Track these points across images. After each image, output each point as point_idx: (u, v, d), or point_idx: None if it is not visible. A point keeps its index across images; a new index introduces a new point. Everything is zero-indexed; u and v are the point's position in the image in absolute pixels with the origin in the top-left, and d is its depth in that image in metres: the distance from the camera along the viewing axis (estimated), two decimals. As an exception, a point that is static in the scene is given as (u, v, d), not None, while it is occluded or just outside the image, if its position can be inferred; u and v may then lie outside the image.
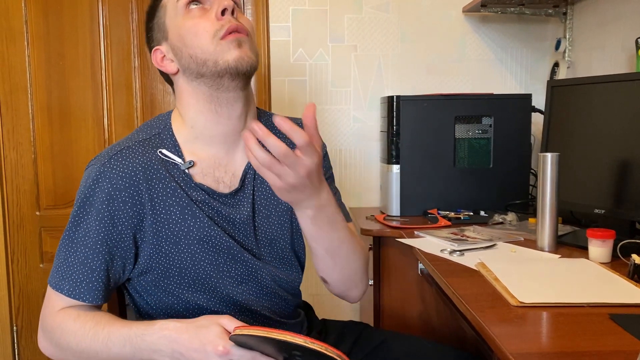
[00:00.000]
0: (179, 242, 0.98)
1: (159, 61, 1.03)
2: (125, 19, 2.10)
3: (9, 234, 2.14)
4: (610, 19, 1.77)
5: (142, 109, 2.14)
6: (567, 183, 1.45)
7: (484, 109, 1.84)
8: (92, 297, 0.95)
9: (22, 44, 2.08)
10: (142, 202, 0.96)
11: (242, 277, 1.03)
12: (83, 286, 0.94)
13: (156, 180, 0.97)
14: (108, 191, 0.94)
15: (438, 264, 1.25)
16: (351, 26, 2.10)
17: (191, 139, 1.02)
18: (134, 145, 0.99)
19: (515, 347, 0.79)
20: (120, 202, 0.94)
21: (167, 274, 0.99)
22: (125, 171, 0.95)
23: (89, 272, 0.95)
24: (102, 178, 0.95)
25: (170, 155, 0.99)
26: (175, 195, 0.98)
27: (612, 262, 1.21)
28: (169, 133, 1.02)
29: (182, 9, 0.98)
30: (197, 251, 0.99)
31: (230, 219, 1.02)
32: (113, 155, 0.97)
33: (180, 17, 0.99)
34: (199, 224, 0.98)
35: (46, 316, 0.97)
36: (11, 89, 2.09)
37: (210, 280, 1.01)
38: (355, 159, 2.16)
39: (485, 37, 2.13)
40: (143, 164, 0.97)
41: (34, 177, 2.13)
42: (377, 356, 1.14)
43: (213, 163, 1.02)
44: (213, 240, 0.99)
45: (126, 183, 0.95)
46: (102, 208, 0.94)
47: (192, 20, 0.97)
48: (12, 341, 2.17)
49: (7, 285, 2.14)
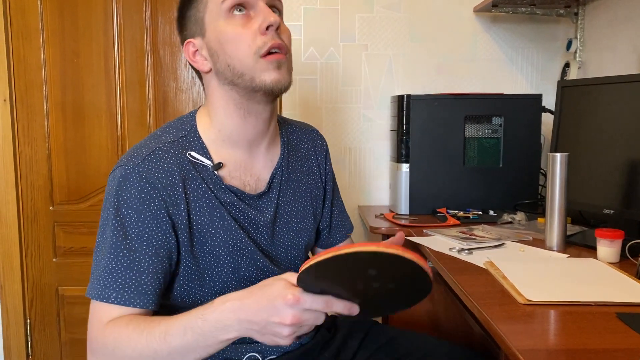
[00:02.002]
0: (205, 244, 0.98)
1: (191, 55, 1.01)
2: (139, 17, 2.13)
3: (23, 228, 2.18)
4: (621, 20, 1.77)
5: (154, 106, 2.16)
6: (576, 183, 1.45)
7: (494, 109, 1.85)
8: (143, 301, 0.90)
9: (38, 41, 2.11)
10: (177, 203, 0.94)
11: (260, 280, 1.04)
12: (132, 290, 0.89)
13: (190, 181, 0.97)
14: (147, 191, 0.92)
15: (447, 262, 1.26)
16: (362, 25, 2.11)
17: (218, 142, 1.02)
18: (164, 146, 0.98)
19: (522, 343, 0.80)
20: (160, 200, 0.92)
21: (192, 277, 0.99)
22: (162, 171, 0.94)
23: (137, 276, 0.90)
24: (136, 178, 0.92)
25: (199, 158, 0.99)
26: (206, 197, 0.98)
27: (621, 262, 1.21)
28: (196, 135, 1.01)
29: (224, 12, 0.95)
30: (221, 254, 0.99)
31: (255, 221, 1.03)
32: (147, 156, 0.95)
33: (222, 20, 0.95)
34: (225, 226, 0.99)
35: (94, 332, 0.89)
36: (26, 86, 2.13)
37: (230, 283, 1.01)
38: (365, 158, 2.17)
39: (496, 36, 2.14)
40: (178, 164, 0.96)
41: (48, 173, 2.17)
42: (386, 353, 1.15)
43: (239, 166, 1.03)
44: (237, 245, 1.00)
45: (164, 182, 0.94)
46: (142, 208, 0.91)
47: (235, 29, 0.95)
48: (26, 333, 2.20)
49: (21, 278, 2.17)
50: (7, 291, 2.16)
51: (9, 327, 2.18)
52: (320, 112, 2.14)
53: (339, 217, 1.27)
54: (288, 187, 1.11)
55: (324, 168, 1.21)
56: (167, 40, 2.14)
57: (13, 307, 2.17)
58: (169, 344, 0.82)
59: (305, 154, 1.17)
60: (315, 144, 1.20)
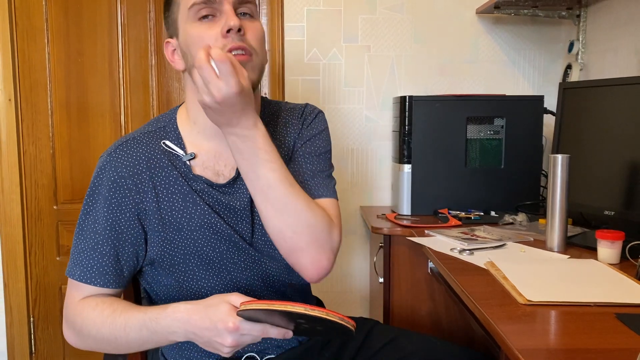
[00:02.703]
0: (182, 229, 1.02)
1: (170, 54, 1.06)
2: (142, 17, 2.14)
3: (27, 227, 2.19)
4: (623, 22, 1.78)
5: (158, 106, 2.18)
6: (577, 184, 1.46)
7: (496, 110, 1.86)
8: (102, 281, 0.99)
9: (43, 41, 2.12)
10: (144, 190, 1.01)
11: (245, 264, 1.06)
12: (94, 270, 0.99)
13: (159, 169, 1.02)
14: (113, 179, 1.00)
15: (448, 263, 1.27)
16: (365, 26, 2.12)
17: (194, 133, 1.06)
18: (139, 136, 1.05)
19: (522, 343, 0.81)
20: (125, 189, 1.00)
21: (172, 262, 1.03)
22: (129, 160, 1.01)
23: (99, 257, 0.99)
24: (107, 167, 1.01)
25: (172, 147, 1.04)
26: (177, 184, 1.02)
27: (621, 263, 1.22)
28: (174, 126, 1.07)
29: (192, 16, 0.99)
30: (199, 237, 1.03)
31: (230, 206, 1.05)
32: (119, 146, 1.03)
33: (189, 22, 0.99)
34: (199, 211, 1.02)
35: (68, 306, 1.01)
36: (31, 86, 2.14)
37: (214, 265, 1.04)
38: (367, 158, 2.18)
39: (498, 38, 2.14)
40: (147, 153, 1.03)
41: (52, 172, 2.18)
42: (386, 353, 1.15)
43: (212, 156, 1.06)
44: (214, 228, 1.03)
45: (130, 171, 1.00)
46: (108, 195, 0.99)
47: (199, 32, 0.98)
48: (29, 331, 2.22)
49: (25, 277, 2.19)
50: (11, 289, 2.17)
51: (13, 325, 2.19)
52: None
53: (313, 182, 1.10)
54: None
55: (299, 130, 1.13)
56: (171, 41, 2.16)
57: (17, 305, 2.18)
58: (127, 334, 0.94)
59: (282, 130, 1.13)
60: (294, 114, 1.15)
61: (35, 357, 2.24)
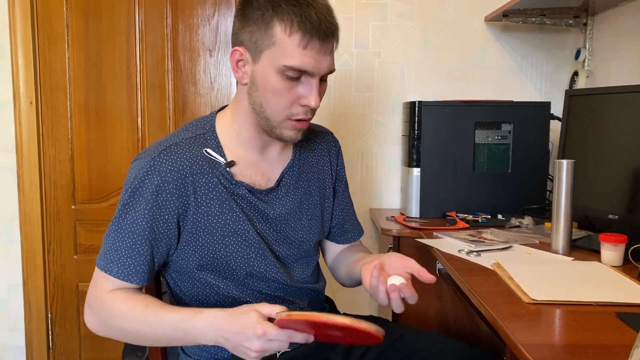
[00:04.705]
0: (215, 233, 1.07)
1: (235, 62, 1.06)
2: (160, 23, 2.20)
3: (46, 226, 2.26)
4: (629, 31, 1.81)
5: (174, 109, 2.24)
6: (582, 189, 1.49)
7: (503, 116, 1.90)
8: (139, 279, 1.04)
9: (63, 46, 2.19)
10: (187, 194, 1.05)
11: (270, 273, 1.12)
12: (131, 269, 1.03)
13: (200, 175, 1.06)
14: (157, 183, 1.03)
15: (455, 264, 1.31)
16: (376, 33, 2.17)
17: (234, 143, 1.12)
18: (181, 142, 1.08)
19: (526, 339, 0.86)
20: (167, 193, 1.03)
21: (201, 263, 1.08)
22: (174, 165, 1.04)
23: (137, 256, 1.03)
24: (152, 171, 1.03)
25: (214, 155, 1.09)
26: (216, 190, 1.07)
27: (624, 266, 1.26)
28: (214, 134, 1.12)
29: (282, 69, 1.00)
30: (230, 243, 1.08)
31: (264, 214, 1.12)
32: (162, 151, 1.05)
33: (275, 71, 1.01)
34: (234, 217, 1.08)
35: (94, 296, 1.04)
36: (51, 89, 2.21)
37: (240, 272, 1.10)
38: (377, 162, 2.23)
39: (506, 45, 2.18)
40: (190, 159, 1.06)
41: (70, 173, 2.25)
42: (396, 350, 1.19)
43: (251, 165, 1.13)
44: (245, 235, 1.09)
45: (174, 176, 1.04)
46: (150, 198, 1.02)
47: (280, 88, 1.02)
48: (47, 328, 2.28)
49: (43, 274, 2.25)
50: (29, 287, 2.24)
51: (31, 321, 2.25)
52: (334, 117, 2.20)
53: (350, 219, 1.33)
54: (298, 186, 1.19)
55: (335, 169, 1.28)
56: (187, 46, 2.22)
57: (35, 302, 2.25)
58: (157, 332, 0.98)
59: (317, 156, 1.25)
60: (329, 145, 1.28)
61: (52, 352, 2.30)
